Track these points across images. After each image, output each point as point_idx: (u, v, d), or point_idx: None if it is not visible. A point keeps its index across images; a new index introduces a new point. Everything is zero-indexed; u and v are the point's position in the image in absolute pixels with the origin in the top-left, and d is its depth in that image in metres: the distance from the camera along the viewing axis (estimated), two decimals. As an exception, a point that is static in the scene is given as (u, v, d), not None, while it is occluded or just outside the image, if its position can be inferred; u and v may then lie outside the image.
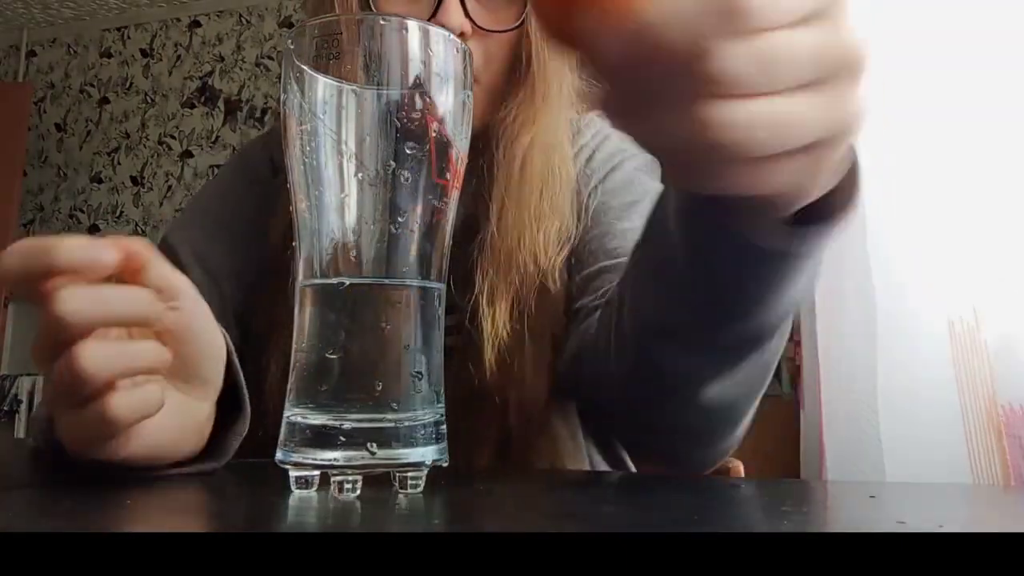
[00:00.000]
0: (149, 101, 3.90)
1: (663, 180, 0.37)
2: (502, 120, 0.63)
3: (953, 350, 1.04)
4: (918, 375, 1.04)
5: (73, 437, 0.37)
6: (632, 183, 0.67)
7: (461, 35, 0.59)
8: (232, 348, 0.44)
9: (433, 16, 0.59)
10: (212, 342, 0.41)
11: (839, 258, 1.09)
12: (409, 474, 0.37)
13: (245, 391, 0.46)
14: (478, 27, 0.60)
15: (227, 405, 0.44)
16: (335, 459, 0.35)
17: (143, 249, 0.37)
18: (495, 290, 0.60)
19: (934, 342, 1.05)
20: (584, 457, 0.65)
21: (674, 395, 0.49)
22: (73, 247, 0.34)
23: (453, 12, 0.58)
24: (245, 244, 0.68)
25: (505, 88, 0.64)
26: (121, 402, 0.35)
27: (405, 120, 0.37)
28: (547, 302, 0.62)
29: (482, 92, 0.62)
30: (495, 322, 0.59)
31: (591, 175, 0.68)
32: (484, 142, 0.63)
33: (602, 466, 0.67)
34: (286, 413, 0.38)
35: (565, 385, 0.62)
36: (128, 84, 3.96)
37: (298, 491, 0.36)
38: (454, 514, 0.36)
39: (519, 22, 0.62)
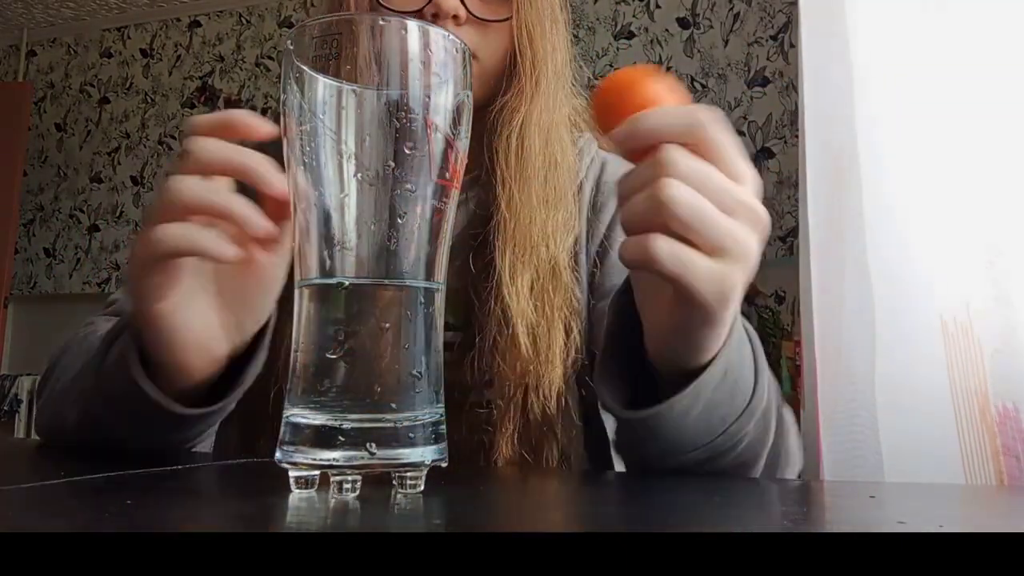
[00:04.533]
0: (149, 101, 3.90)
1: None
2: (499, 108, 0.66)
3: (947, 349, 1.04)
4: (913, 374, 1.04)
5: (135, 258, 0.44)
6: None
7: (455, 18, 0.62)
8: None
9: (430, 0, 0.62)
10: (275, 291, 0.48)
11: (839, 259, 1.09)
12: (409, 474, 0.37)
13: (265, 352, 0.51)
14: (471, 15, 0.64)
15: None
16: (335, 459, 0.35)
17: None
18: (515, 268, 0.62)
19: (928, 341, 1.04)
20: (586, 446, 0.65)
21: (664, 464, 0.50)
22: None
23: None
24: None
25: (502, 77, 0.67)
26: (177, 229, 0.42)
27: (405, 120, 0.37)
28: (560, 289, 0.64)
29: (480, 72, 0.65)
30: (519, 299, 0.61)
31: (599, 199, 0.71)
32: (485, 131, 0.66)
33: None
34: (286, 413, 0.38)
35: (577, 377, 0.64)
36: (128, 84, 3.96)
37: (298, 491, 0.36)
38: (454, 514, 0.36)
39: (511, 15, 0.66)
